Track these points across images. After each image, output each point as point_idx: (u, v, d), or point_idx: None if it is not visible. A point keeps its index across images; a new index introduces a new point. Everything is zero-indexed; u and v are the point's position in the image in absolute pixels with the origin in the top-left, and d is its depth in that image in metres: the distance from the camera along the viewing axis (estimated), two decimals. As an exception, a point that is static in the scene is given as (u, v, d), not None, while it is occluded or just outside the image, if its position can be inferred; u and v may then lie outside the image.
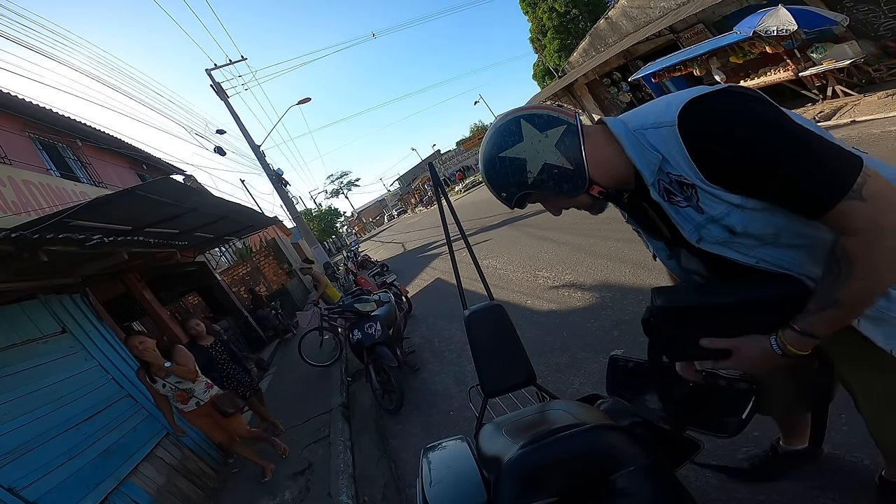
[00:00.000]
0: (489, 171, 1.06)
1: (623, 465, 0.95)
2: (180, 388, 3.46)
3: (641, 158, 0.95)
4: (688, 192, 0.91)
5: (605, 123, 1.03)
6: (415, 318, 6.69)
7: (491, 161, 1.04)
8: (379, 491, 3.06)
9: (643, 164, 0.95)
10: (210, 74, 14.47)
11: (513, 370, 1.64)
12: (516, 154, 1.01)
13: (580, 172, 0.99)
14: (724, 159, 0.84)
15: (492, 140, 1.04)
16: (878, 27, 7.73)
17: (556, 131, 0.99)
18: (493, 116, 35.26)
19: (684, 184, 0.90)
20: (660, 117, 0.91)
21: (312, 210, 42.70)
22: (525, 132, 1.00)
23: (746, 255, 0.93)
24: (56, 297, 3.89)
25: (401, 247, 18.97)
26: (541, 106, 1.06)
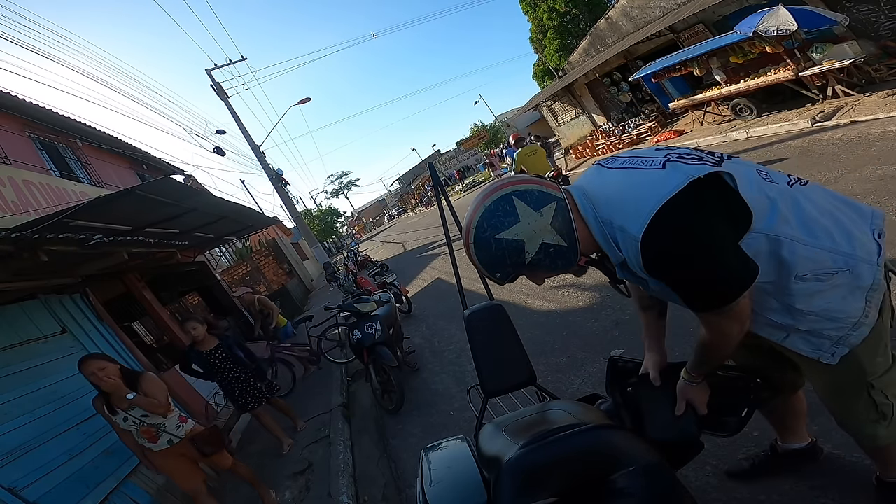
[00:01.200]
0: (483, 252, 1.05)
1: (623, 465, 0.95)
2: (147, 422, 2.81)
3: (608, 248, 1.07)
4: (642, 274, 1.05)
5: (570, 195, 1.09)
6: (415, 318, 6.69)
7: (485, 242, 1.03)
8: (379, 491, 3.06)
9: (609, 251, 1.07)
10: (210, 74, 14.47)
11: (513, 370, 1.64)
12: (513, 235, 1.01)
13: (573, 247, 1.05)
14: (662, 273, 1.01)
15: (484, 219, 1.03)
16: (878, 27, 7.72)
17: (550, 209, 1.02)
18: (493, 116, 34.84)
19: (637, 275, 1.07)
20: (626, 221, 0.99)
21: (312, 210, 42.69)
22: (520, 212, 1.01)
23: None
24: (56, 297, 3.89)
25: (401, 247, 18.97)
26: (526, 180, 1.06)
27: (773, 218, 1.03)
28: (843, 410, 1.23)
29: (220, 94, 14.60)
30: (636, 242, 0.97)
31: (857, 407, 1.17)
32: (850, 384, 1.16)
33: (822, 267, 1.04)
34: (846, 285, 1.05)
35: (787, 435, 1.68)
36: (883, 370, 1.13)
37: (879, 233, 1.08)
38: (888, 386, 1.14)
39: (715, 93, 9.37)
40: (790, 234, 1.03)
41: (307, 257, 22.62)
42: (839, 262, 1.04)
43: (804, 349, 1.14)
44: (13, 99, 7.15)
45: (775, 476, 1.72)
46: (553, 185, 1.08)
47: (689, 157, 1.04)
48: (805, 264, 1.04)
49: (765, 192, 1.04)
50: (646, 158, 1.06)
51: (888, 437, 1.18)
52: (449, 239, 2.00)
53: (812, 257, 1.04)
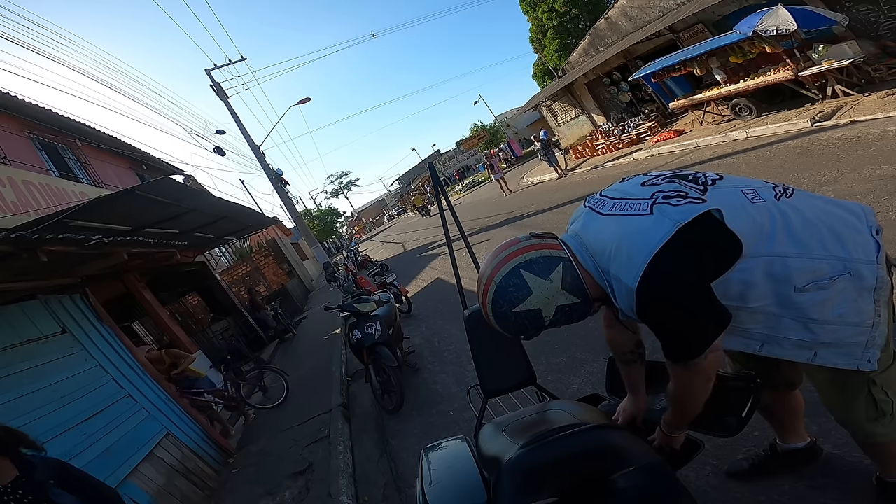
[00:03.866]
0: (504, 324, 1.11)
1: (623, 465, 0.95)
2: None
3: (609, 294, 1.11)
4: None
5: (570, 248, 1.13)
6: (415, 318, 6.69)
7: (505, 316, 1.09)
8: (379, 491, 3.06)
9: (611, 297, 1.11)
10: (210, 74, 14.46)
11: (513, 370, 1.64)
12: (530, 307, 1.06)
13: (586, 300, 1.10)
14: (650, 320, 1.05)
15: (498, 296, 1.08)
16: (878, 27, 7.72)
17: (558, 273, 1.07)
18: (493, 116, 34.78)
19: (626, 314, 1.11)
20: (620, 272, 1.03)
21: (312, 210, 42.67)
22: (531, 284, 1.06)
23: None
24: (56, 297, 3.88)
25: (401, 247, 18.97)
26: (529, 247, 1.11)
27: (762, 240, 1.05)
28: (842, 408, 1.24)
29: (219, 95, 14.60)
30: (632, 293, 1.01)
31: (857, 404, 1.18)
32: (851, 381, 1.16)
33: (820, 275, 1.05)
34: (851, 289, 1.06)
35: (787, 434, 1.68)
36: (884, 367, 1.13)
37: (877, 230, 1.09)
38: (888, 383, 1.15)
39: (715, 93, 9.37)
40: (781, 251, 1.05)
41: (307, 257, 22.62)
42: (837, 267, 1.05)
43: (840, 362, 1.12)
44: (13, 99, 7.15)
45: (775, 476, 1.72)
46: (554, 243, 1.12)
47: (674, 197, 1.06)
48: (802, 275, 1.05)
49: (752, 216, 1.06)
50: (634, 201, 1.09)
51: (887, 435, 1.19)
52: (449, 239, 2.00)
53: (807, 267, 1.05)
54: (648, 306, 1.02)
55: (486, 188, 23.23)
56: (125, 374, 4.06)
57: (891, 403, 1.15)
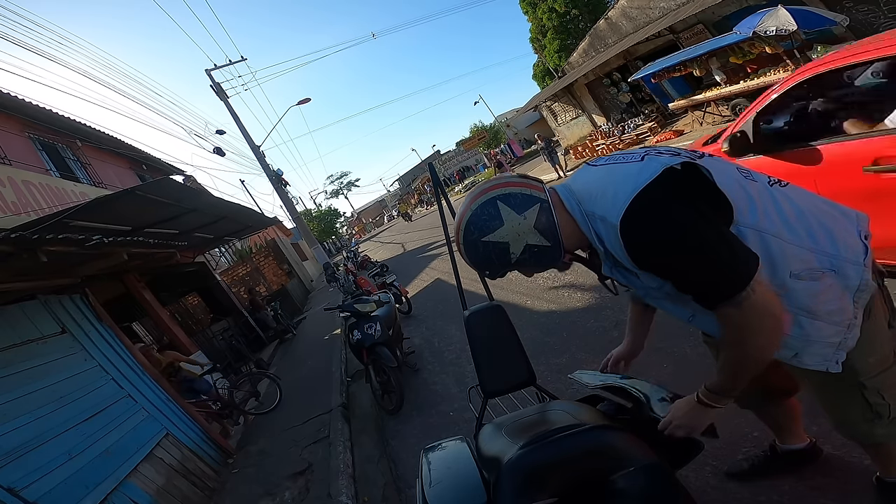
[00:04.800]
0: (472, 253, 1.11)
1: (623, 465, 0.95)
2: None
3: (592, 236, 1.08)
4: (629, 266, 1.05)
5: (556, 193, 1.13)
6: (415, 319, 6.69)
7: (473, 245, 1.09)
8: (379, 491, 3.06)
9: (594, 240, 1.08)
10: (210, 75, 14.47)
11: (513, 370, 1.64)
12: (498, 238, 1.06)
13: (557, 246, 1.08)
14: (652, 262, 1.01)
15: (471, 223, 1.09)
16: (878, 27, 7.72)
17: (533, 211, 1.06)
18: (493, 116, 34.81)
19: (625, 266, 1.07)
20: (606, 211, 1.01)
21: (312, 210, 42.67)
22: (504, 215, 1.06)
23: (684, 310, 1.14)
24: (56, 297, 3.88)
25: (400, 247, 18.97)
26: (510, 183, 1.10)
27: (754, 213, 1.02)
28: (838, 411, 1.22)
29: (219, 95, 14.61)
30: (615, 230, 0.99)
31: (852, 407, 1.17)
32: (842, 386, 1.15)
33: (810, 266, 1.02)
34: (837, 286, 1.04)
35: (785, 437, 1.68)
36: (877, 371, 1.12)
37: (865, 234, 1.08)
38: (884, 387, 1.13)
39: (715, 93, 9.38)
40: (774, 230, 1.02)
41: (307, 258, 22.62)
42: (825, 262, 1.03)
43: (812, 363, 1.10)
44: (13, 99, 7.15)
45: (775, 476, 1.72)
46: (538, 185, 1.11)
47: (667, 153, 1.07)
48: (796, 263, 1.02)
49: (744, 187, 1.04)
50: (627, 154, 1.10)
51: (886, 435, 1.18)
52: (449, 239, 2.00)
53: (799, 256, 1.02)
54: (643, 245, 0.98)
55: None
56: (125, 374, 4.06)
57: (887, 406, 1.13)
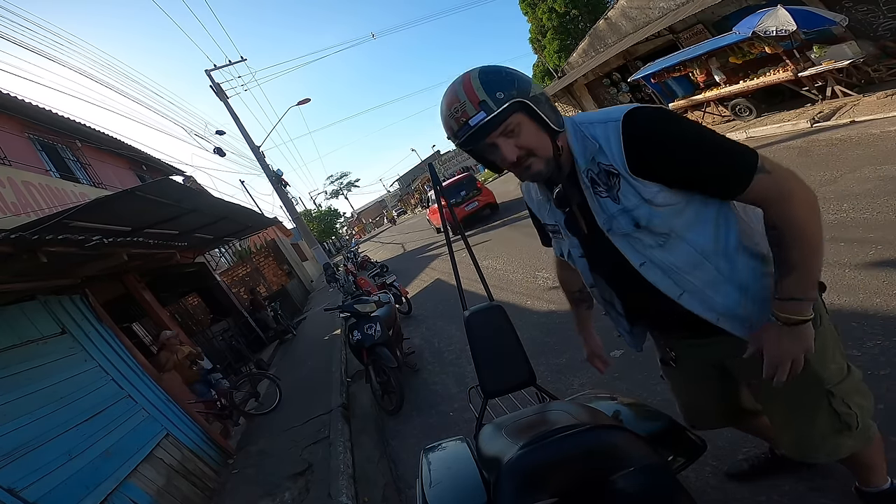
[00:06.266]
0: (488, 74, 0.99)
1: (623, 465, 0.95)
2: None
3: (580, 147, 1.06)
4: (611, 181, 1.04)
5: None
6: (415, 319, 6.68)
7: (495, 70, 1.01)
8: (379, 492, 3.05)
9: (580, 152, 1.06)
10: (209, 75, 14.47)
11: (513, 371, 1.64)
12: (520, 75, 1.02)
13: (559, 119, 1.06)
14: (654, 152, 0.98)
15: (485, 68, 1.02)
16: (878, 27, 7.72)
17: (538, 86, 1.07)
18: (493, 117, 35.47)
19: (611, 173, 1.03)
20: (608, 115, 1.04)
21: (312, 211, 42.67)
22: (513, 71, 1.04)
23: (639, 254, 1.08)
24: (56, 297, 3.88)
25: (400, 247, 18.97)
26: None
27: None
28: (807, 425, 1.14)
29: (219, 95, 14.61)
30: (616, 126, 1.00)
31: (821, 419, 1.11)
32: (809, 396, 1.11)
33: (757, 245, 1.07)
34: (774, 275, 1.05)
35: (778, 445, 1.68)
36: (839, 378, 1.11)
37: None
38: (848, 394, 1.11)
39: (714, 93, 9.37)
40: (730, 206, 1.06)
41: (307, 258, 22.62)
42: (763, 255, 1.07)
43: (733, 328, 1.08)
44: (13, 100, 7.15)
45: (775, 477, 1.72)
46: None
47: None
48: (745, 236, 1.06)
49: None
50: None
51: (854, 446, 1.14)
52: (449, 239, 2.00)
53: (747, 230, 1.07)
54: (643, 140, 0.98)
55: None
56: (125, 374, 4.06)
57: (854, 416, 1.10)
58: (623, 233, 1.07)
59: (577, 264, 1.27)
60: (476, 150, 1.08)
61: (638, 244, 1.08)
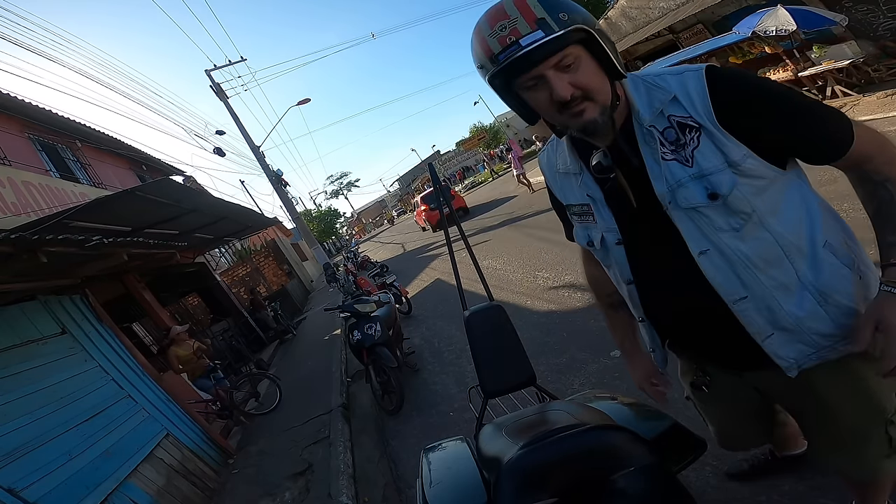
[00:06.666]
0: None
1: (623, 465, 0.95)
2: None
3: (645, 97, 0.89)
4: (687, 137, 0.86)
5: None
6: (415, 319, 6.68)
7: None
8: (379, 491, 3.06)
9: (645, 103, 0.89)
10: (209, 75, 14.47)
11: (513, 371, 1.64)
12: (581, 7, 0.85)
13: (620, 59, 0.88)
14: (747, 104, 0.83)
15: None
16: (878, 27, 7.72)
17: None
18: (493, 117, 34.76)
19: (688, 127, 0.85)
20: (682, 68, 0.90)
21: (312, 211, 42.70)
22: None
23: (703, 238, 0.88)
24: (56, 298, 3.88)
25: (400, 247, 18.97)
26: None
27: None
28: (857, 451, 1.04)
29: (219, 95, 14.61)
30: (697, 72, 0.86)
31: (871, 443, 1.02)
32: (870, 425, 0.99)
33: (841, 246, 0.92)
34: (860, 286, 0.92)
35: (782, 447, 1.67)
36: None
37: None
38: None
39: (714, 93, 9.39)
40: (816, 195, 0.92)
41: (307, 258, 22.62)
42: (849, 256, 0.92)
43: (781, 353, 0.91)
44: (13, 100, 7.15)
45: (775, 477, 1.72)
46: None
47: None
48: (830, 233, 0.91)
49: None
50: None
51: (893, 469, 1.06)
52: (449, 239, 2.00)
53: (833, 228, 0.92)
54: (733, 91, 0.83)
55: (487, 189, 23.22)
56: (125, 374, 4.06)
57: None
58: (690, 206, 0.87)
59: (611, 254, 1.03)
60: (513, 84, 0.87)
61: (706, 224, 0.87)
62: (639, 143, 0.90)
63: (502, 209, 13.12)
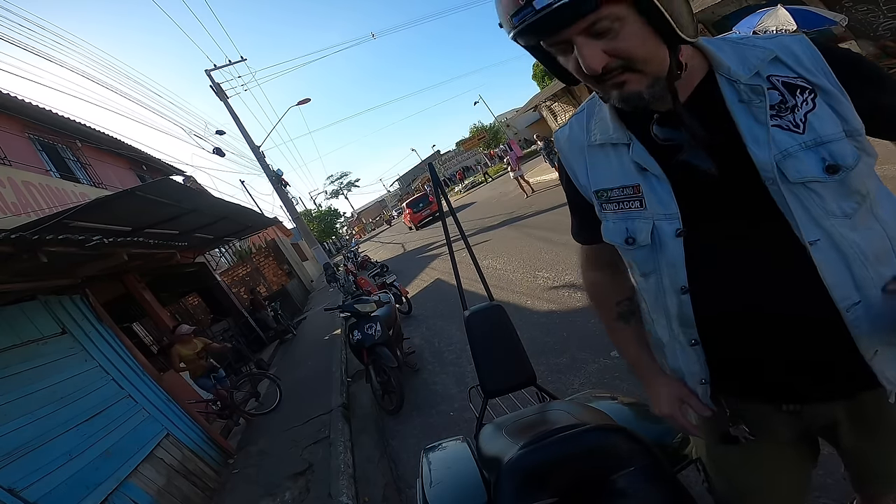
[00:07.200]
0: None
1: (623, 465, 0.95)
2: None
3: (736, 56, 0.72)
4: (799, 99, 0.69)
5: None
6: (415, 319, 6.69)
7: None
8: (379, 491, 3.06)
9: (738, 61, 0.72)
10: (209, 75, 14.47)
11: (513, 371, 1.64)
12: None
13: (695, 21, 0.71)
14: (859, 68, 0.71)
15: None
16: (878, 27, 7.73)
17: None
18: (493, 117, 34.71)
19: (798, 87, 0.69)
20: (774, 34, 0.76)
21: (312, 211, 42.70)
22: None
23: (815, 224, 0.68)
24: (56, 298, 3.88)
25: (401, 247, 18.97)
26: None
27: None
28: None
29: (219, 95, 14.61)
30: (799, 37, 0.72)
31: None
32: None
33: None
34: None
35: None
36: None
37: None
38: None
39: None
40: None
41: (307, 258, 22.63)
42: None
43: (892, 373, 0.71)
44: (13, 100, 7.15)
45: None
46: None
47: None
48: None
49: None
50: None
51: None
52: (449, 239, 2.00)
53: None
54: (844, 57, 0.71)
55: (486, 189, 23.22)
56: (125, 374, 4.06)
57: None
58: (801, 180, 0.68)
59: (662, 253, 0.78)
60: (538, 47, 0.73)
61: (816, 206, 0.68)
62: (729, 105, 0.71)
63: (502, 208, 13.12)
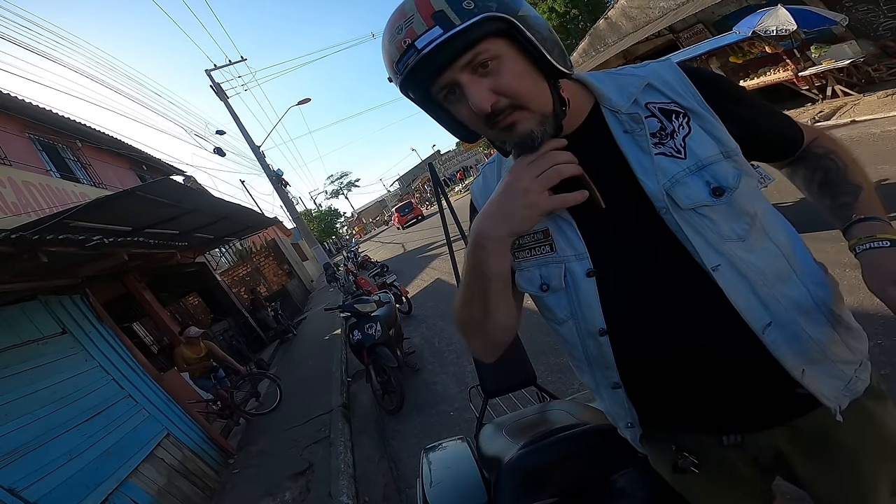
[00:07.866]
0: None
1: (623, 465, 0.95)
2: None
3: (613, 86, 0.75)
4: (675, 124, 0.71)
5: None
6: (415, 319, 6.69)
7: None
8: (379, 491, 3.06)
9: (616, 91, 0.74)
10: (210, 75, 14.46)
11: (513, 370, 1.64)
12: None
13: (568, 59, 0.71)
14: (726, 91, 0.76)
15: None
16: (878, 27, 7.72)
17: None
18: (493, 117, 35.09)
19: (672, 112, 0.72)
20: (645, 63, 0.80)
21: (312, 211, 42.71)
22: None
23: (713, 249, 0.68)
24: (56, 297, 3.88)
25: (401, 247, 18.97)
26: None
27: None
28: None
29: (219, 95, 14.61)
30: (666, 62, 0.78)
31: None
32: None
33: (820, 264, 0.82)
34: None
35: None
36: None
37: None
38: None
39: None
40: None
41: (307, 258, 22.63)
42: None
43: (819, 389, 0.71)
44: (13, 100, 7.15)
45: (775, 476, 1.71)
46: None
47: None
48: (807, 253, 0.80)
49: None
50: None
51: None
52: (449, 239, 2.00)
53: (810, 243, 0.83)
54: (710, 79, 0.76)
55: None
56: (125, 374, 4.06)
57: None
58: (692, 205, 0.68)
59: (576, 296, 0.76)
60: (429, 99, 0.70)
61: (710, 231, 0.69)
62: (615, 137, 0.73)
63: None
